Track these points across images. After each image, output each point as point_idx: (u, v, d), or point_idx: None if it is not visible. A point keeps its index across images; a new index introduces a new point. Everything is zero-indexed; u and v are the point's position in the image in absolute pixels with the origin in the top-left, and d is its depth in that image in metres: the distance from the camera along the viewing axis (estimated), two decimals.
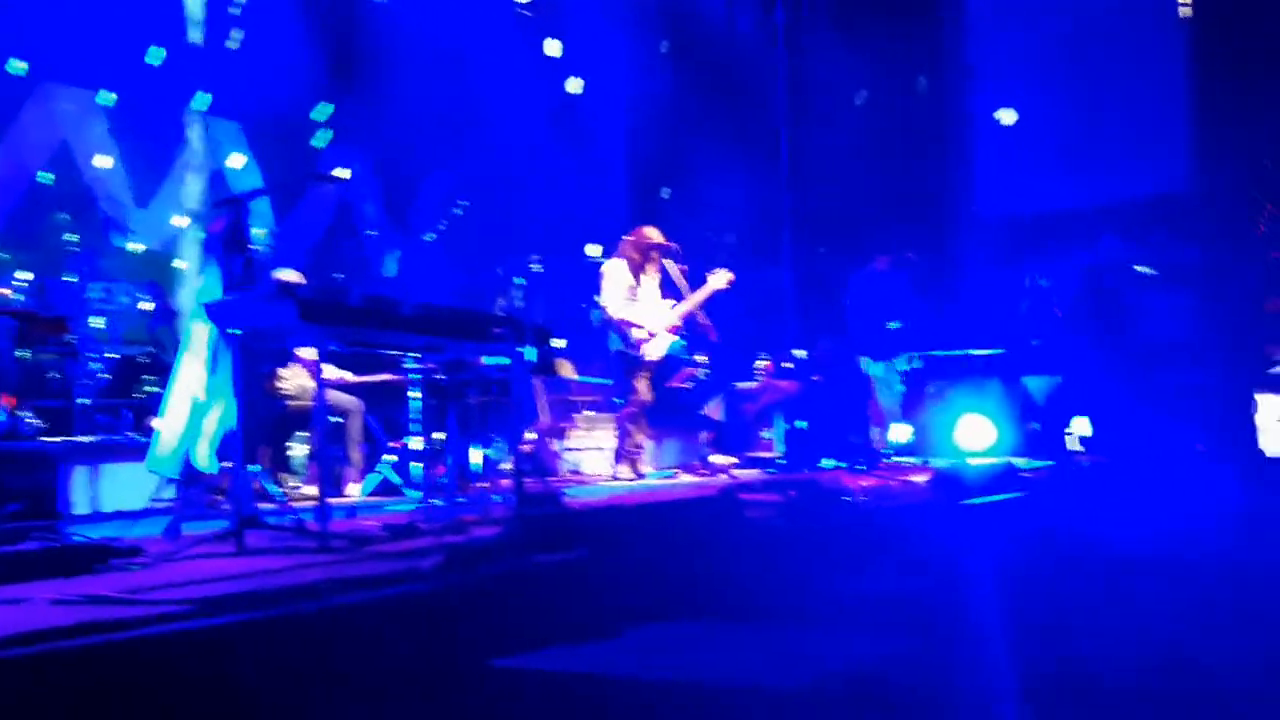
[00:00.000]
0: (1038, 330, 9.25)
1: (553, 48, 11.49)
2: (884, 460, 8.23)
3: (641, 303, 7.76)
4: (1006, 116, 11.23)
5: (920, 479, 6.28)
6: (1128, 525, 5.31)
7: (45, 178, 8.94)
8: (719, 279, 7.93)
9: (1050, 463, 7.49)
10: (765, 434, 8.96)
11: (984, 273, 11.08)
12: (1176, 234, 9.25)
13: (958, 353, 8.66)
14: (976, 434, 8.21)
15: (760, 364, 9.27)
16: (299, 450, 7.10)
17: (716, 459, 8.61)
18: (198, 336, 4.38)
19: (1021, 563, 4.58)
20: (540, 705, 2.72)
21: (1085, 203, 10.62)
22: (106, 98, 9.33)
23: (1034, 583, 4.19)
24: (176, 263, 9.52)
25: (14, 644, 2.28)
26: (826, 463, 8.23)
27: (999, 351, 8.83)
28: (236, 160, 10.20)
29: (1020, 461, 7.16)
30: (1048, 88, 11.01)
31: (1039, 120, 11.14)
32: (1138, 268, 9.00)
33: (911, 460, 8.26)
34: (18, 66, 8.75)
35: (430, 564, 3.20)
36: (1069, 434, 8.46)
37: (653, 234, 7.86)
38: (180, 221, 9.63)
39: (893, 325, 8.54)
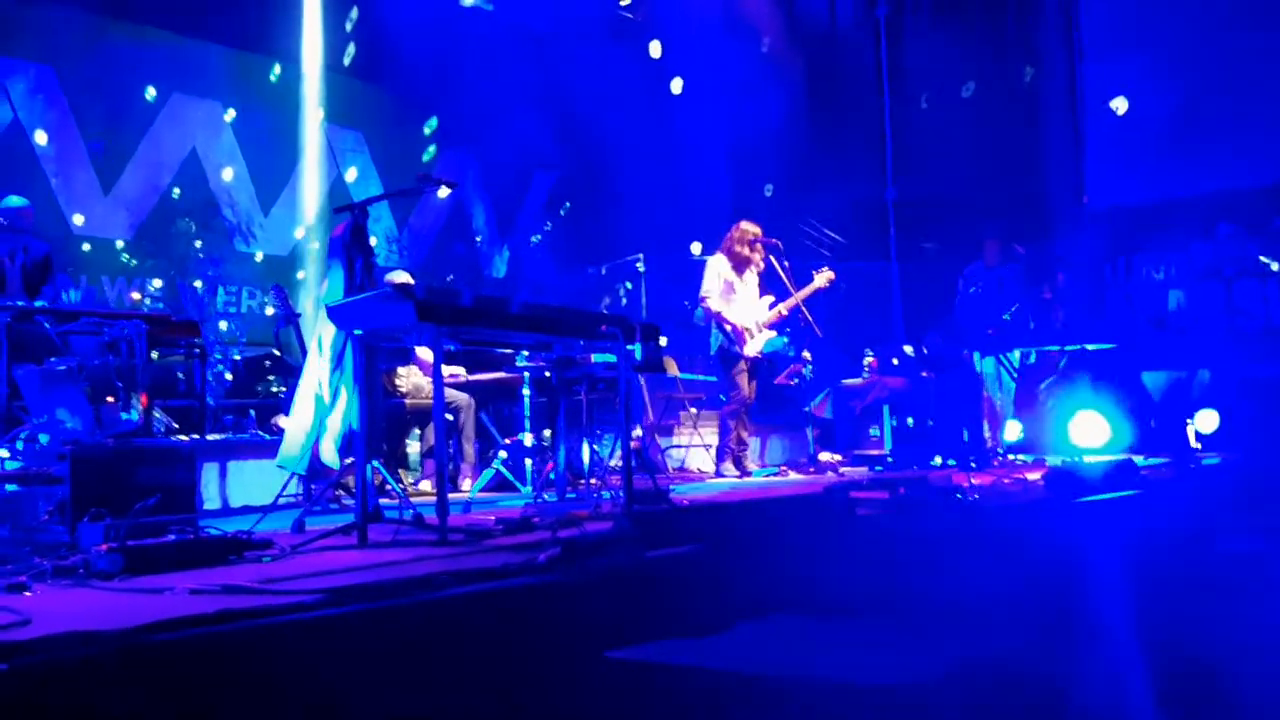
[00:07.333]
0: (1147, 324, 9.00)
1: (655, 49, 11.56)
2: (996, 458, 8.09)
3: (740, 298, 7.78)
4: (1120, 105, 10.90)
5: (1034, 477, 6.16)
6: (1249, 521, 5.13)
7: (175, 191, 9.36)
8: (821, 278, 7.91)
9: (1168, 459, 7.27)
10: (873, 431, 8.87)
11: (1097, 265, 10.79)
12: None
13: (1072, 347, 8.45)
14: (1092, 431, 8.00)
15: (867, 360, 9.19)
16: (414, 447, 7.30)
17: (824, 456, 8.57)
18: (323, 337, 4.56)
19: (1141, 561, 4.47)
20: (654, 697, 2.76)
21: (1200, 191, 10.25)
22: (230, 113, 9.75)
23: (1154, 582, 4.08)
24: (300, 274, 9.89)
25: (159, 630, 2.41)
26: (936, 460, 8.12)
27: (1114, 346, 8.59)
28: (354, 170, 10.56)
29: (1138, 459, 6.97)
30: (1160, 73, 10.65)
31: (1151, 107, 10.78)
32: (1261, 258, 8.67)
33: (1025, 458, 8.10)
34: (150, 94, 9.20)
35: (546, 557, 3.28)
36: (1189, 429, 8.19)
37: (751, 228, 7.87)
38: (301, 232, 10.00)
39: (1005, 317, 8.39)
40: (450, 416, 6.86)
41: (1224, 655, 3.08)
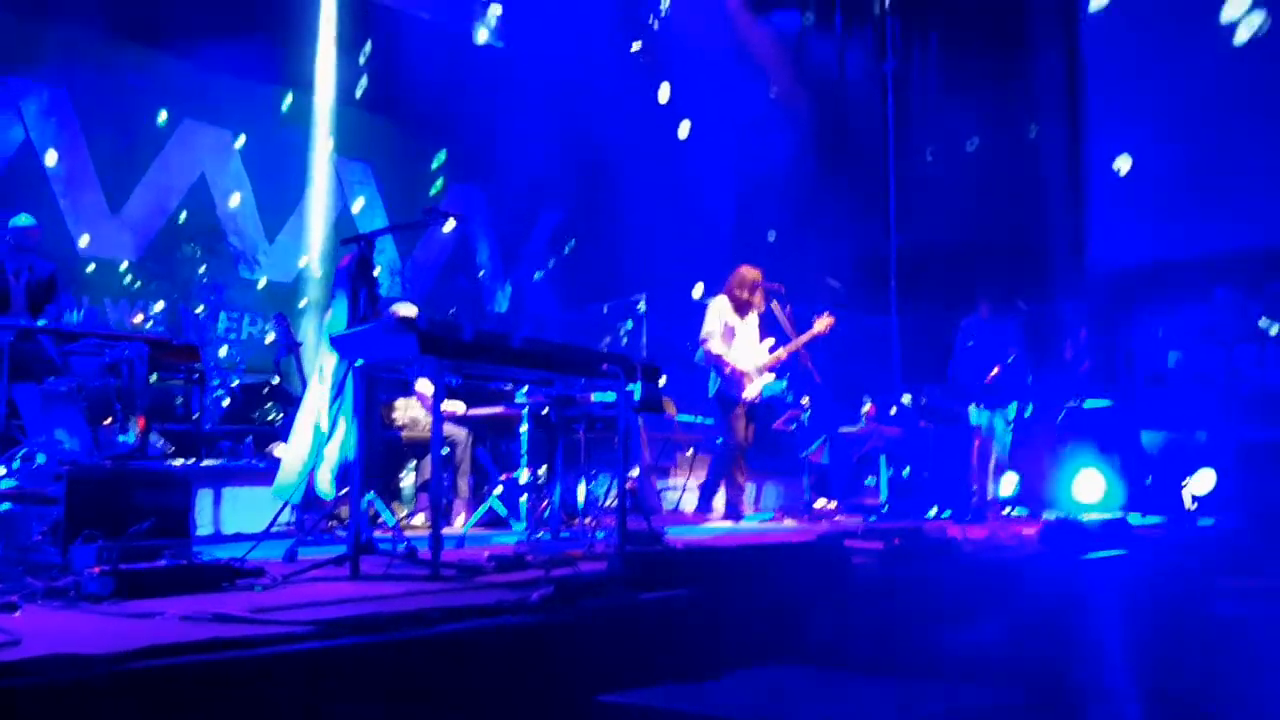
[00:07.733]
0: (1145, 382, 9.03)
1: (663, 92, 11.68)
2: (991, 511, 8.07)
3: (739, 342, 7.80)
4: (1123, 163, 11.00)
5: (1029, 531, 6.15)
6: (1243, 584, 5.12)
7: (182, 215, 9.42)
8: (821, 323, 7.94)
9: (1163, 518, 7.27)
10: (869, 480, 8.86)
11: (1098, 322, 10.83)
12: None
13: (1070, 404, 8.46)
14: (1088, 487, 8.00)
15: (865, 408, 9.20)
16: (408, 480, 7.29)
17: (819, 504, 8.55)
18: (324, 366, 4.57)
19: (1132, 619, 4.46)
20: None
21: (1201, 251, 10.32)
22: (240, 140, 9.84)
23: (1145, 640, 4.07)
24: (302, 302, 9.92)
25: (149, 656, 2.40)
26: (932, 512, 8.10)
27: (1111, 403, 8.61)
28: (361, 201, 10.64)
29: (1133, 517, 6.96)
30: (1162, 134, 10.76)
31: (1154, 166, 10.88)
32: (1261, 322, 8.70)
33: (1020, 512, 8.08)
34: (162, 118, 9.29)
35: (538, 597, 3.26)
36: (1184, 489, 8.18)
37: (753, 273, 7.91)
38: (304, 261, 10.04)
39: (1009, 360, 8.41)
40: (445, 450, 6.85)
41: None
